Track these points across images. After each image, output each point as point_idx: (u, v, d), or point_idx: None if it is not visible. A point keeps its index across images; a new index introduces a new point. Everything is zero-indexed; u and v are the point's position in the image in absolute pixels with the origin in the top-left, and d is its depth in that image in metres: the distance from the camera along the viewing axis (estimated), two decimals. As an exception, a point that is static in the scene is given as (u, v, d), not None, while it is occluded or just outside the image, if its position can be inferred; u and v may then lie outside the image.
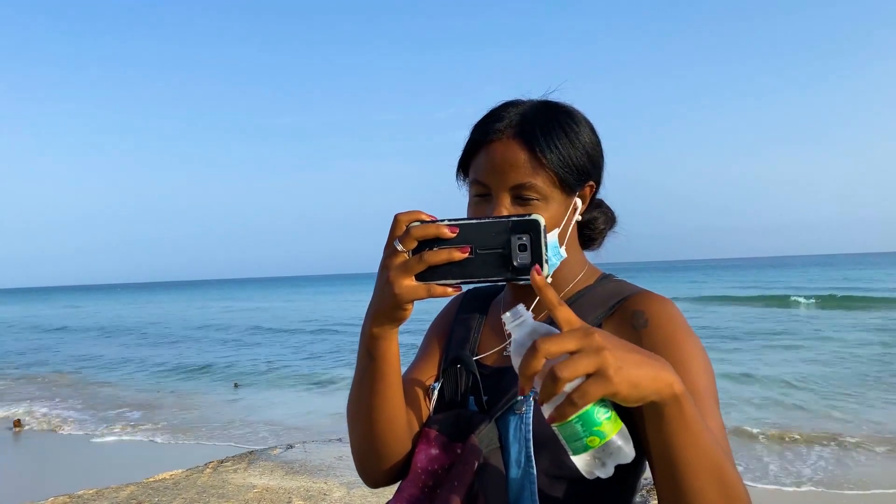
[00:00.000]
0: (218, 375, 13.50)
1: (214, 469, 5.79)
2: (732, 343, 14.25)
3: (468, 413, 1.00)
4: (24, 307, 57.80)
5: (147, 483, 5.37)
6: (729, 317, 20.49)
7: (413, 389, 1.07)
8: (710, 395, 0.88)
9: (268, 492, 5.08)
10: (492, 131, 0.97)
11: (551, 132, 0.96)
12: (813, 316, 20.44)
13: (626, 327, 0.95)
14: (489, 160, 0.97)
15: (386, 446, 0.97)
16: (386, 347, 0.88)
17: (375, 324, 0.85)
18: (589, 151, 1.00)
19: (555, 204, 0.97)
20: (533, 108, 0.99)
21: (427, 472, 0.97)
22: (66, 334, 25.79)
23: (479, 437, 0.94)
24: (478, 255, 0.77)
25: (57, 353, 18.81)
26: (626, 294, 1.00)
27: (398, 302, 0.79)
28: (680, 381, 0.69)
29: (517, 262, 0.77)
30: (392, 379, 0.91)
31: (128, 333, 24.94)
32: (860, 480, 5.44)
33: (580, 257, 1.07)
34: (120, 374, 14.44)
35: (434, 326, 1.20)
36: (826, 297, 25.28)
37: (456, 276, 0.78)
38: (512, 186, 0.95)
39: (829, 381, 9.71)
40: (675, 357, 0.88)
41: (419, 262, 0.77)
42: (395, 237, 0.79)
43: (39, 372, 15.00)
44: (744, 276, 55.47)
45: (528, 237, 0.77)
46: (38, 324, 32.59)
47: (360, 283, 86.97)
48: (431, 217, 0.79)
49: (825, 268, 67.87)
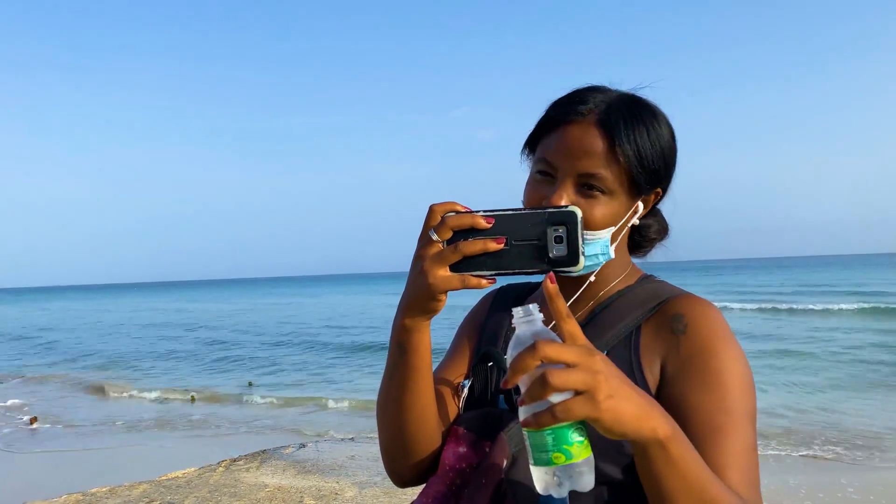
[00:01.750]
0: (233, 373, 13.56)
1: (227, 468, 5.79)
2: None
3: (498, 411, 0.97)
4: (95, 303, 57.98)
5: (160, 481, 5.38)
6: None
7: (443, 387, 1.04)
8: (741, 412, 0.85)
9: (279, 491, 5.07)
10: (573, 112, 0.93)
11: (634, 128, 0.92)
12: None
13: (665, 330, 0.92)
14: (563, 141, 0.93)
15: (416, 443, 0.94)
16: (418, 340, 0.85)
17: (408, 315, 0.83)
18: (666, 156, 0.96)
19: (617, 202, 0.93)
20: (619, 99, 0.95)
21: (455, 469, 0.94)
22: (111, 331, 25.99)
23: (508, 436, 0.91)
24: (513, 247, 0.76)
25: (84, 350, 18.96)
26: (667, 296, 0.97)
27: (432, 292, 0.77)
28: (669, 426, 0.69)
29: (553, 254, 0.75)
30: (424, 373, 0.88)
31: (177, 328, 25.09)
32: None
33: (626, 259, 1.04)
34: (138, 371, 14.52)
35: (465, 324, 1.17)
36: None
37: (490, 268, 0.76)
38: (580, 174, 0.91)
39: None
40: (710, 367, 0.86)
41: (454, 251, 0.75)
42: (431, 227, 0.77)
43: (64, 369, 15.12)
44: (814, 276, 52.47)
45: (565, 229, 0.75)
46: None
47: (379, 282, 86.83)
48: (466, 208, 0.78)
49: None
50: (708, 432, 0.82)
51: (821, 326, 17.37)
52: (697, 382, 0.87)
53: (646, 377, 0.90)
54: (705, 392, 0.86)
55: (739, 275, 60.47)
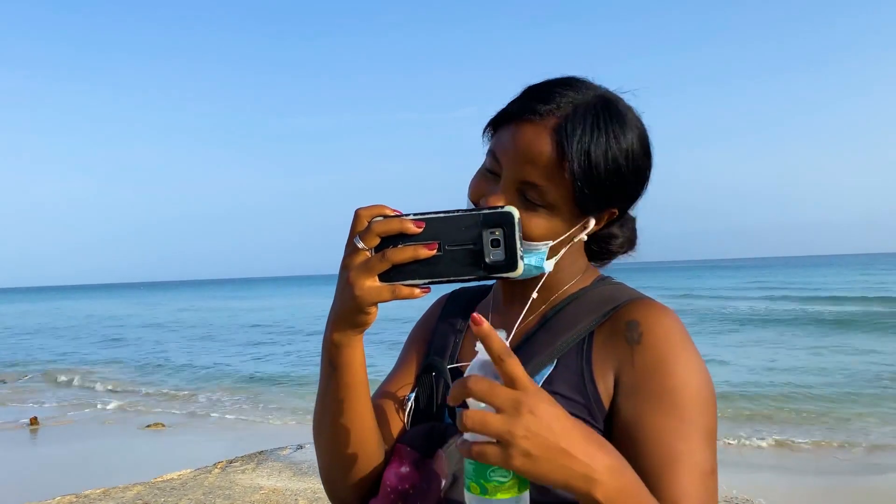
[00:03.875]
0: (232, 373, 13.55)
1: (223, 469, 5.75)
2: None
3: (442, 427, 0.91)
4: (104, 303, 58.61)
5: (154, 483, 5.35)
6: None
7: (387, 401, 0.99)
8: (699, 433, 0.80)
9: (274, 493, 5.02)
10: (530, 111, 0.85)
11: (592, 140, 0.83)
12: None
13: (619, 338, 0.86)
14: (513, 141, 0.85)
15: (355, 464, 0.88)
16: (350, 356, 0.79)
17: (336, 330, 0.77)
18: (624, 174, 0.86)
19: (559, 217, 0.86)
20: (588, 104, 0.85)
21: (397, 491, 0.88)
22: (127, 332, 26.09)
23: (448, 452, 0.85)
24: (447, 252, 0.70)
25: (87, 350, 19.02)
26: (622, 300, 0.90)
27: (359, 305, 0.71)
28: (613, 484, 0.64)
29: (489, 259, 0.70)
30: (358, 390, 0.82)
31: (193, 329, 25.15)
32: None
33: (581, 262, 0.97)
34: (142, 372, 14.55)
35: (415, 331, 1.11)
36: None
37: (423, 276, 0.71)
38: (522, 181, 0.85)
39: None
40: (666, 386, 0.81)
41: (381, 260, 0.70)
42: (356, 234, 0.71)
43: (64, 367, 15.16)
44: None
45: (502, 231, 0.70)
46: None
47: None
48: (397, 211, 0.72)
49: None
50: (665, 462, 0.77)
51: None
52: (653, 404, 0.81)
53: (598, 388, 0.85)
54: (662, 415, 0.80)
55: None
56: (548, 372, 0.87)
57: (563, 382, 0.85)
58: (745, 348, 14.14)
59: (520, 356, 0.89)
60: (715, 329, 17.73)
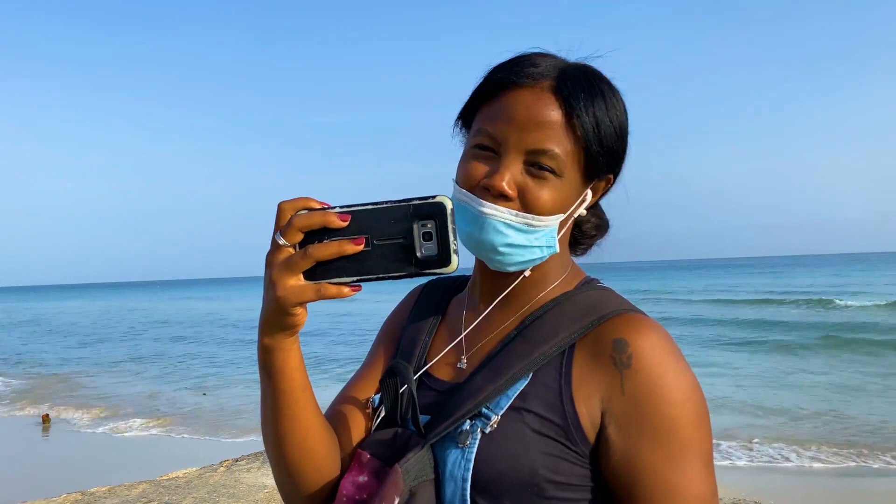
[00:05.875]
0: (239, 371, 13.60)
1: (228, 468, 5.76)
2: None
3: (407, 434, 0.85)
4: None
5: (159, 481, 5.36)
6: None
7: (350, 406, 0.93)
8: (696, 453, 0.76)
9: (278, 492, 5.01)
10: (524, 75, 0.79)
11: (594, 99, 0.79)
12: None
13: (605, 359, 0.78)
14: (511, 109, 0.79)
15: (303, 474, 0.83)
16: (283, 360, 0.73)
17: (266, 333, 0.71)
18: (622, 136, 0.84)
19: (568, 185, 0.81)
20: (574, 67, 0.82)
21: (353, 500, 0.83)
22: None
23: (405, 467, 0.79)
24: (375, 247, 0.66)
25: (94, 350, 19.19)
26: (607, 311, 0.82)
27: (282, 306, 0.67)
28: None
29: (421, 254, 0.65)
30: (296, 396, 0.77)
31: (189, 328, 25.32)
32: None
33: (566, 257, 0.91)
34: (147, 372, 14.64)
35: (384, 328, 1.05)
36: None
37: (351, 273, 0.66)
38: (530, 150, 0.79)
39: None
40: (662, 415, 0.75)
41: (304, 257, 0.65)
42: (278, 229, 0.67)
43: (71, 369, 15.30)
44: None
45: (434, 223, 0.65)
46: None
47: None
48: (324, 203, 0.67)
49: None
50: (664, 498, 0.74)
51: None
52: (649, 435, 0.76)
53: (578, 412, 0.78)
54: (659, 447, 0.75)
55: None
56: (521, 386, 0.80)
57: (538, 400, 0.79)
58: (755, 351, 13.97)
59: (495, 364, 0.85)
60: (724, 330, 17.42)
